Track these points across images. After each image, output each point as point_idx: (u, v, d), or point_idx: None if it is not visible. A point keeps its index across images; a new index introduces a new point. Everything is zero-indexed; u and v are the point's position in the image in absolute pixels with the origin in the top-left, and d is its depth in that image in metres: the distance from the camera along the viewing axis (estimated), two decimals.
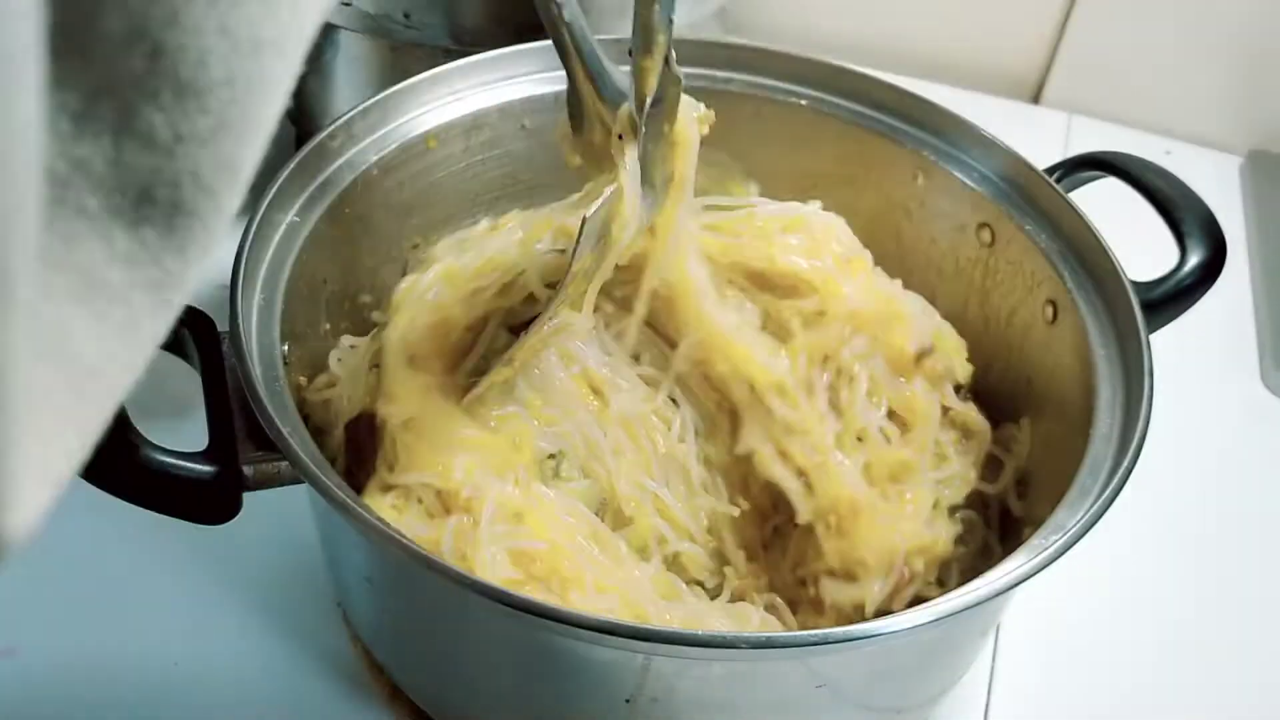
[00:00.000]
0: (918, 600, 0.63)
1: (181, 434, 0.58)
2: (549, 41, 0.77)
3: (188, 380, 0.81)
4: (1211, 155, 1.20)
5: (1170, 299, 0.67)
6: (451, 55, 0.77)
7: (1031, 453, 0.70)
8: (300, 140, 1.07)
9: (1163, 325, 0.68)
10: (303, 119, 1.00)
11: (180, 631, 0.72)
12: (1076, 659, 0.76)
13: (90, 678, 0.69)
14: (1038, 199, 0.71)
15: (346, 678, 0.70)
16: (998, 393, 0.75)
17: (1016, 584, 0.50)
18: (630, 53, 0.62)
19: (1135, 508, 0.54)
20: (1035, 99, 1.30)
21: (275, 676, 0.70)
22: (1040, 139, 0.71)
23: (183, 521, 0.65)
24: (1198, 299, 0.68)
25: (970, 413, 0.71)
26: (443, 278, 0.68)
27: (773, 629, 0.63)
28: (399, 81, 0.74)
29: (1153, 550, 0.83)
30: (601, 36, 0.78)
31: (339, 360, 0.70)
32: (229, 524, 0.56)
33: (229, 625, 0.72)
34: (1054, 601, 0.76)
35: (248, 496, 0.55)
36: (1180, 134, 1.21)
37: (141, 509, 0.76)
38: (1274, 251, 1.09)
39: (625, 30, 0.85)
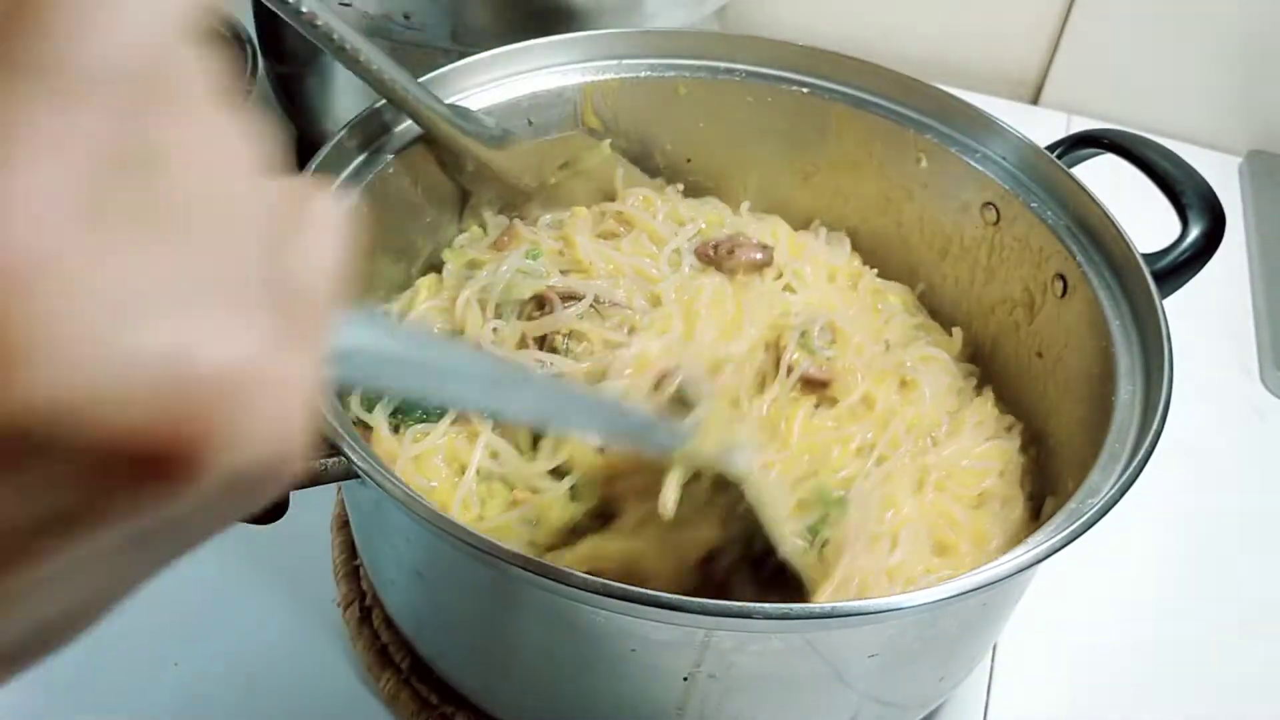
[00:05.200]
0: None
1: None
2: (551, 38, 0.78)
3: None
4: (1211, 155, 1.21)
5: (1174, 270, 0.69)
6: (451, 55, 0.77)
7: (1046, 424, 0.72)
8: (301, 139, 1.07)
9: (1166, 296, 0.70)
10: (302, 119, 1.00)
11: (178, 632, 0.72)
12: (1075, 660, 0.77)
13: (90, 678, 0.69)
14: (1042, 176, 0.73)
15: (348, 677, 0.71)
16: (1006, 369, 0.77)
17: (1063, 546, 0.51)
18: None
19: (1134, 508, 0.55)
20: (1034, 99, 1.32)
21: (274, 675, 0.70)
22: (1039, 139, 0.73)
23: None
24: (1200, 269, 0.70)
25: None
26: None
27: None
28: None
29: (1152, 550, 0.84)
30: (620, 30, 0.80)
31: None
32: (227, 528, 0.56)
33: (229, 625, 0.73)
34: (1052, 603, 0.78)
35: None
36: (1180, 134, 1.22)
37: None
38: (1274, 252, 1.11)
39: (631, 25, 0.86)
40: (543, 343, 0.69)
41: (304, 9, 0.64)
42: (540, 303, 0.71)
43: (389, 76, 0.67)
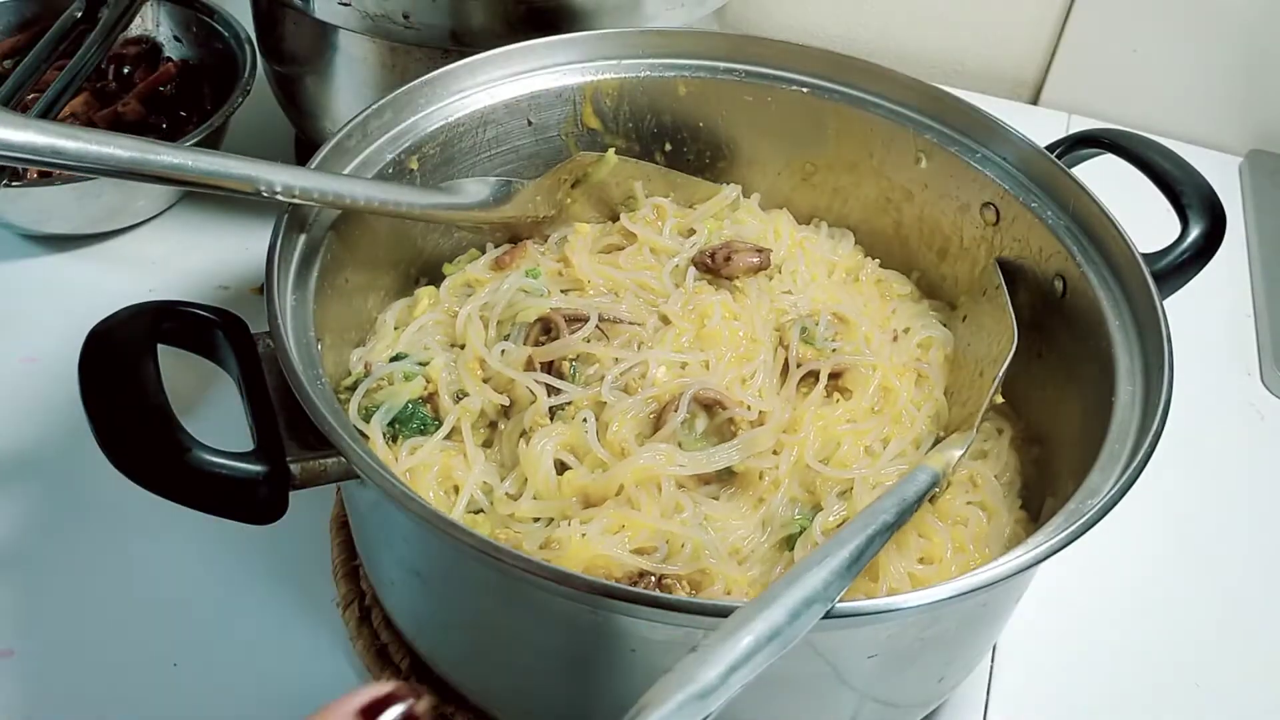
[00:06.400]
0: None
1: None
2: (551, 38, 0.78)
3: (189, 380, 0.81)
4: (1211, 155, 1.21)
5: (1174, 270, 0.70)
6: (450, 55, 0.78)
7: (1046, 424, 0.72)
8: (299, 140, 1.07)
9: (1166, 296, 0.70)
10: (302, 119, 1.00)
11: (178, 632, 0.72)
12: (1074, 660, 0.77)
13: (88, 678, 0.69)
14: (1042, 176, 0.73)
15: (348, 677, 0.71)
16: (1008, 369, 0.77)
17: (1063, 547, 0.51)
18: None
19: (1134, 508, 0.55)
20: (1034, 100, 1.32)
21: (274, 675, 0.70)
22: (1039, 139, 0.73)
23: (178, 525, 0.65)
24: (1200, 269, 0.70)
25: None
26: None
27: None
28: (397, 81, 0.75)
29: (1151, 551, 0.84)
30: (620, 30, 0.80)
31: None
32: (228, 528, 0.56)
33: (228, 626, 0.73)
34: (1052, 603, 0.78)
35: None
36: (1180, 134, 1.22)
37: (117, 517, 0.77)
38: (1274, 252, 1.11)
39: (631, 25, 0.86)
40: (549, 366, 0.68)
41: (291, 193, 0.63)
42: (546, 327, 0.70)
43: (388, 200, 0.68)
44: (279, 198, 0.61)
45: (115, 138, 0.57)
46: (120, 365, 0.54)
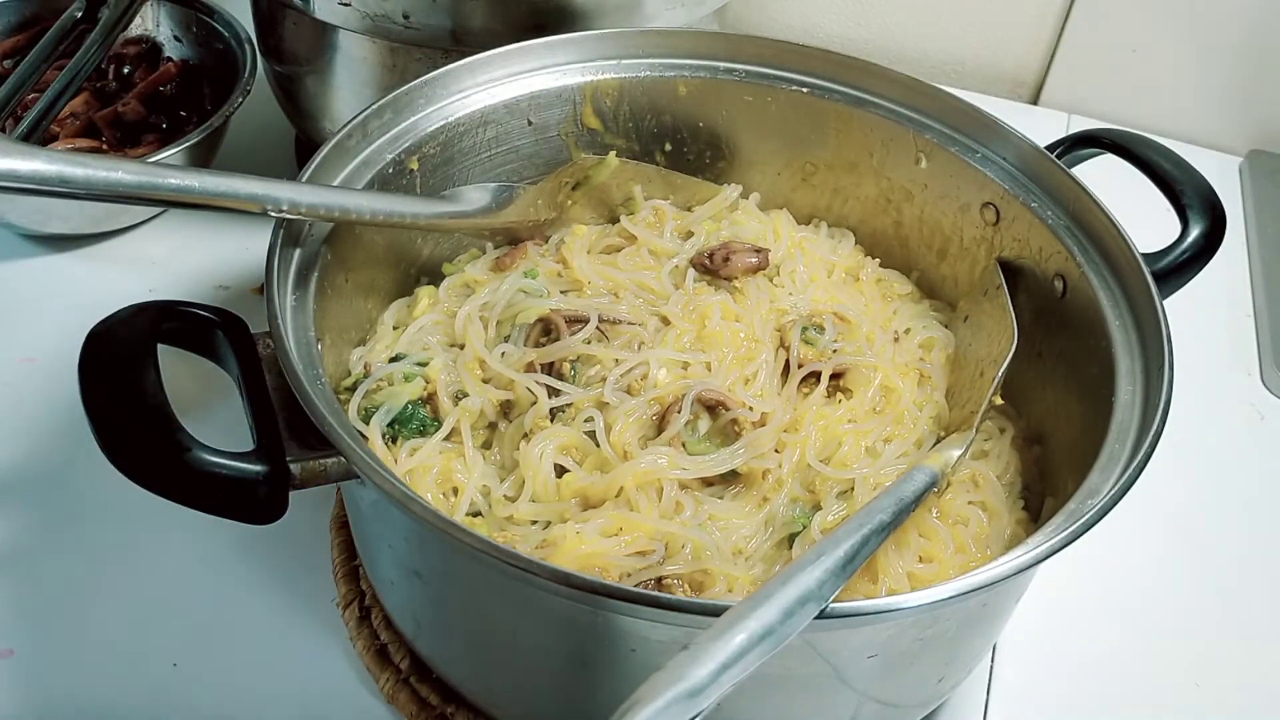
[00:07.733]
0: None
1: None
2: (551, 38, 0.78)
3: (189, 380, 0.81)
4: (1211, 155, 1.21)
5: (1175, 270, 0.70)
6: (450, 56, 0.78)
7: (1046, 424, 0.72)
8: (299, 140, 1.07)
9: (1166, 296, 0.70)
10: (302, 119, 1.00)
11: (178, 632, 0.72)
12: (1074, 660, 0.77)
13: (88, 678, 0.69)
14: (1042, 176, 0.73)
15: (348, 677, 0.71)
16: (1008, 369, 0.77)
17: (1062, 547, 0.51)
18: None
19: (1134, 509, 0.55)
20: (1034, 100, 1.32)
21: (274, 675, 0.71)
22: (1039, 139, 0.73)
23: (177, 525, 0.65)
24: (1200, 269, 0.70)
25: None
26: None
27: None
28: (397, 81, 0.75)
29: (1151, 551, 0.84)
30: (620, 30, 0.80)
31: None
32: (228, 528, 0.56)
33: (228, 625, 0.73)
34: (1052, 603, 0.78)
35: None
36: (1180, 134, 1.22)
37: (117, 517, 0.77)
38: (1274, 252, 1.11)
39: (631, 25, 0.86)
40: (549, 367, 0.68)
41: (298, 210, 0.63)
42: (546, 327, 0.70)
43: (393, 212, 0.68)
44: (286, 215, 0.62)
45: (121, 163, 0.56)
46: (120, 365, 0.54)
